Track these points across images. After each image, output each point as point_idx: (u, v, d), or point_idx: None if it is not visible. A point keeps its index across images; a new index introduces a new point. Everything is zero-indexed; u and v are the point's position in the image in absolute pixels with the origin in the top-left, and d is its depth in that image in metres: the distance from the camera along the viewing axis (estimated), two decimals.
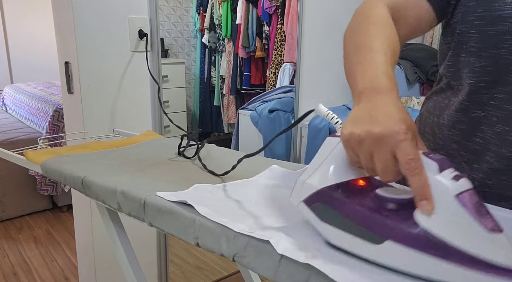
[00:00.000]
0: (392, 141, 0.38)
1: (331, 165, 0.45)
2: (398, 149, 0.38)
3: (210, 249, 0.53)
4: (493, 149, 0.56)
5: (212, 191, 0.64)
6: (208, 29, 3.37)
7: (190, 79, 3.79)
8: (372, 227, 0.41)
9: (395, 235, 0.39)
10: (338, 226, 0.43)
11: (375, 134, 0.39)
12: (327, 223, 0.44)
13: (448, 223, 0.37)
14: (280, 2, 2.59)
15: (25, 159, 0.89)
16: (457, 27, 0.56)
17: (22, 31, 4.14)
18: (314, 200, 0.45)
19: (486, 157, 0.57)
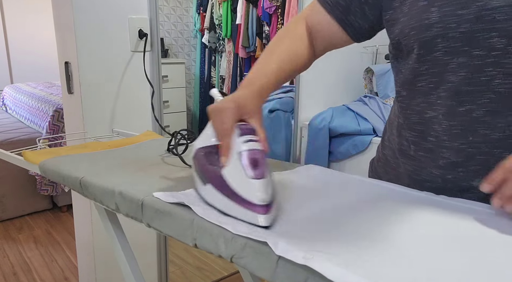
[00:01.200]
0: (222, 113, 0.57)
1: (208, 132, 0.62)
2: (222, 119, 0.57)
3: (208, 250, 0.52)
4: (446, 145, 0.61)
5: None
6: (208, 29, 3.37)
7: (190, 79, 3.79)
8: (203, 172, 0.58)
9: (210, 179, 0.56)
10: (198, 173, 0.60)
11: (217, 107, 0.59)
12: (195, 172, 0.61)
13: (232, 171, 0.54)
14: (280, 2, 2.59)
15: (23, 160, 0.88)
16: (401, 41, 0.63)
17: (22, 31, 4.14)
18: (194, 156, 0.62)
19: (441, 153, 0.62)
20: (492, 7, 0.52)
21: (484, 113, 0.57)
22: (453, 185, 0.62)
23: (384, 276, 0.39)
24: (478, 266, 0.41)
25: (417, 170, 0.67)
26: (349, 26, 0.70)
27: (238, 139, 0.55)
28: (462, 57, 0.56)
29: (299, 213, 0.56)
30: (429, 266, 0.41)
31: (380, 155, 0.79)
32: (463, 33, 0.55)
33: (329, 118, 1.95)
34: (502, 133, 0.56)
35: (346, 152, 1.91)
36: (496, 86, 0.55)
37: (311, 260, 0.41)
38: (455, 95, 0.58)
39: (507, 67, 0.54)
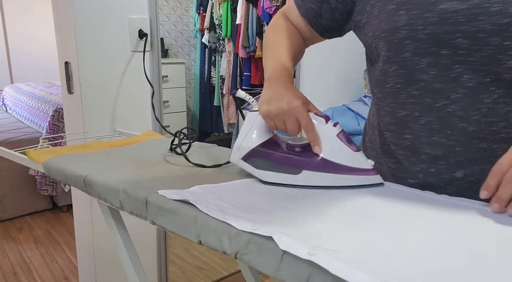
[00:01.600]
0: (294, 112, 0.62)
1: (256, 131, 0.69)
2: (299, 117, 0.62)
3: (212, 246, 0.53)
4: (424, 141, 0.64)
5: (214, 190, 0.64)
6: (208, 29, 3.38)
7: (190, 79, 3.80)
8: (292, 163, 0.65)
9: (307, 165, 0.64)
10: (269, 169, 0.66)
11: (284, 109, 0.63)
12: (262, 169, 0.67)
13: (333, 151, 0.64)
14: (280, 2, 2.60)
15: (27, 158, 0.89)
16: (372, 43, 0.67)
17: (22, 31, 4.14)
18: (249, 156, 0.68)
19: (421, 149, 0.65)
20: (454, 10, 0.55)
21: (458, 107, 0.60)
22: (436, 179, 0.64)
23: (387, 272, 0.39)
24: (480, 266, 0.41)
25: (400, 168, 0.69)
26: (319, 28, 0.78)
27: (326, 126, 0.64)
28: (430, 57, 0.59)
29: (303, 210, 0.56)
30: (431, 264, 0.42)
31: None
32: (429, 35, 0.58)
33: None
34: (478, 124, 0.59)
35: None
36: (465, 81, 0.58)
37: (315, 256, 0.42)
38: (429, 92, 0.61)
39: (473, 64, 0.57)
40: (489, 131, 0.59)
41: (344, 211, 0.56)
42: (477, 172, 0.61)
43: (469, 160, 0.61)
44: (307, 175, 0.64)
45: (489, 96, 0.58)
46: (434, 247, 0.45)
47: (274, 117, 0.64)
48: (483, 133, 0.59)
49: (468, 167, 0.61)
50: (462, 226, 0.51)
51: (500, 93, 0.57)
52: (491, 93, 0.57)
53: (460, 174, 0.62)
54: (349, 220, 0.53)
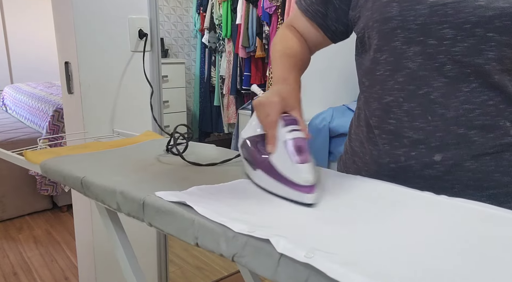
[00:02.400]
0: (268, 107, 0.64)
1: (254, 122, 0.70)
2: (268, 112, 0.64)
3: (209, 249, 0.53)
4: (407, 125, 0.67)
5: (211, 191, 0.64)
6: (208, 29, 3.37)
7: (190, 79, 3.80)
8: (252, 159, 0.67)
9: (260, 164, 0.64)
10: (247, 160, 0.69)
11: (259, 101, 0.66)
12: (244, 159, 0.70)
13: (278, 157, 0.61)
14: (280, 2, 2.59)
15: (24, 159, 0.89)
16: (364, 33, 0.71)
17: (22, 31, 4.14)
18: (242, 145, 0.71)
19: (403, 133, 0.68)
20: (443, 3, 0.60)
21: (439, 95, 0.64)
22: (416, 162, 0.67)
23: (385, 275, 0.39)
24: (479, 265, 0.41)
25: (381, 153, 0.72)
26: (328, 30, 0.81)
27: (282, 129, 0.62)
28: (418, 46, 0.63)
29: (301, 211, 0.56)
30: (430, 265, 0.41)
31: (348, 148, 0.84)
32: (419, 25, 0.62)
33: (329, 118, 1.95)
34: (457, 111, 0.63)
35: None
36: (447, 71, 0.63)
37: (313, 259, 0.41)
38: (413, 79, 0.65)
39: (455, 55, 0.61)
40: (466, 118, 0.63)
41: (341, 213, 0.55)
42: (454, 156, 0.65)
43: (447, 145, 0.65)
44: (259, 175, 0.65)
45: (467, 85, 0.62)
46: (433, 248, 0.45)
47: (255, 107, 0.67)
48: (460, 120, 0.63)
49: (446, 151, 0.65)
50: (461, 226, 0.50)
51: (478, 83, 0.62)
52: (469, 82, 0.62)
53: (439, 157, 0.65)
54: (347, 222, 0.52)
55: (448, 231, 0.50)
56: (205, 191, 0.64)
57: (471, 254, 0.44)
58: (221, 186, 0.66)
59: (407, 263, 0.42)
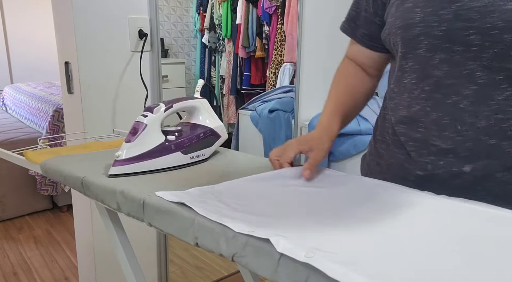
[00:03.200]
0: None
1: None
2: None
3: (209, 249, 0.53)
4: (435, 134, 0.65)
5: (212, 191, 0.64)
6: (208, 29, 3.37)
7: (190, 79, 3.80)
8: None
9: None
10: None
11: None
12: None
13: None
14: (280, 2, 2.59)
15: (24, 159, 0.89)
16: (390, 40, 0.69)
17: (22, 31, 4.14)
18: None
19: (432, 141, 0.65)
20: (468, 8, 0.57)
21: (469, 103, 0.61)
22: (444, 171, 0.65)
23: (385, 275, 0.39)
24: (478, 266, 0.41)
25: (409, 158, 0.70)
26: (381, 48, 0.78)
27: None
28: (444, 53, 0.61)
29: (301, 211, 0.56)
30: (430, 265, 0.41)
31: (372, 149, 0.82)
32: (444, 31, 0.60)
33: None
34: (488, 121, 0.60)
35: (346, 152, 1.91)
36: (477, 78, 0.59)
37: (312, 259, 0.41)
38: (440, 88, 0.63)
39: (484, 61, 0.58)
40: (499, 128, 0.60)
41: (341, 213, 0.56)
42: (485, 167, 0.62)
43: (477, 155, 0.62)
44: None
45: (500, 93, 0.59)
46: (433, 248, 0.45)
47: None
48: (492, 130, 0.60)
49: (477, 162, 0.62)
50: (461, 226, 0.51)
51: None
52: (502, 90, 0.58)
53: (468, 168, 0.63)
54: (346, 222, 0.52)
55: (448, 231, 0.50)
56: (205, 191, 0.64)
57: (471, 254, 0.44)
58: (221, 186, 0.66)
59: (407, 263, 0.42)
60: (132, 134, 0.75)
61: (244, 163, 0.83)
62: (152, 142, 0.76)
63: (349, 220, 0.53)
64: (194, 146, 0.81)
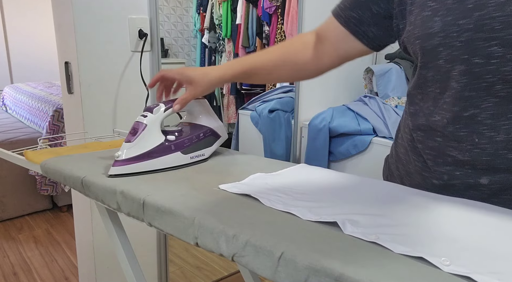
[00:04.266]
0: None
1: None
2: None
3: (209, 249, 0.53)
4: (453, 145, 0.64)
5: (266, 180, 0.68)
6: (208, 29, 3.37)
7: None
8: None
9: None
10: None
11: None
12: None
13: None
14: (280, 2, 2.59)
15: (25, 159, 0.89)
16: (409, 48, 0.67)
17: (22, 31, 4.14)
18: None
19: (448, 152, 0.64)
20: (490, 17, 0.54)
21: (488, 116, 0.59)
22: (460, 182, 0.64)
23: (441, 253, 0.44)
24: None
25: (425, 167, 0.69)
26: (364, 37, 0.73)
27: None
28: (463, 64, 0.58)
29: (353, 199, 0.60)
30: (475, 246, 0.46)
31: (393, 152, 0.81)
32: (464, 42, 0.57)
33: (329, 118, 1.95)
34: (507, 135, 0.58)
35: (346, 152, 1.91)
36: (497, 91, 0.57)
37: (380, 240, 0.46)
38: (458, 101, 0.61)
39: (506, 74, 0.56)
40: None
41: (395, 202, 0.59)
42: (503, 180, 0.61)
43: (495, 169, 0.60)
44: None
45: None
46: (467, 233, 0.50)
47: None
48: (511, 144, 0.59)
49: (494, 175, 0.61)
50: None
51: None
52: None
53: (485, 180, 0.62)
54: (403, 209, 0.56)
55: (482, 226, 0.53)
56: (260, 179, 0.68)
57: None
58: (276, 175, 0.71)
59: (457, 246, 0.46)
60: (132, 134, 0.75)
61: (244, 163, 0.83)
62: (152, 142, 0.76)
63: (405, 207, 0.57)
64: (194, 146, 0.82)
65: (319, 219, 0.52)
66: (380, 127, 1.85)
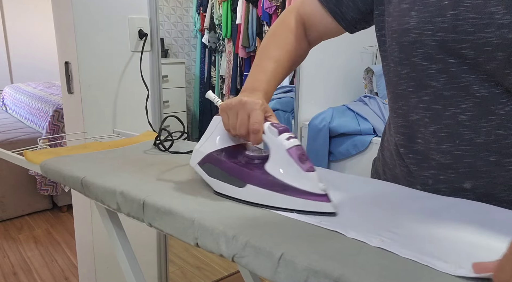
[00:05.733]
0: (250, 107, 0.59)
1: (217, 136, 0.64)
2: (252, 113, 0.59)
3: (209, 249, 0.53)
4: (434, 147, 0.62)
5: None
6: (208, 29, 3.37)
7: (190, 79, 3.79)
8: (238, 175, 0.59)
9: (251, 179, 0.58)
10: (219, 178, 0.62)
11: (241, 100, 0.60)
12: (213, 177, 0.62)
13: (280, 167, 0.57)
14: (280, 2, 2.59)
15: (24, 160, 0.89)
16: (386, 40, 0.65)
17: (22, 31, 4.14)
18: (204, 161, 0.64)
19: (431, 155, 0.63)
20: (463, 18, 0.53)
21: (468, 117, 0.57)
22: (445, 186, 0.63)
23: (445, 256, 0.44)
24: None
25: (409, 172, 0.68)
26: (342, 19, 0.71)
27: (279, 137, 0.57)
28: (439, 63, 0.57)
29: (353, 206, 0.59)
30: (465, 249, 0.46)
31: (380, 155, 0.80)
32: (438, 41, 0.56)
33: (329, 118, 1.95)
34: (488, 137, 0.57)
35: (346, 152, 1.91)
36: (475, 91, 0.56)
37: (384, 243, 0.46)
38: (439, 99, 0.59)
39: (481, 74, 0.55)
40: (499, 145, 0.57)
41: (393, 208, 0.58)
42: (487, 184, 0.59)
43: (478, 172, 0.59)
44: (250, 190, 0.58)
45: (502, 107, 0.55)
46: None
47: (230, 109, 0.60)
48: (492, 146, 0.57)
49: (478, 179, 0.59)
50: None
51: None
52: (503, 104, 0.55)
53: (468, 185, 0.61)
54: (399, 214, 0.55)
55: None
56: None
57: None
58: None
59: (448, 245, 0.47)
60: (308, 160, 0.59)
61: None
62: None
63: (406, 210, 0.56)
64: None
65: (318, 224, 0.51)
66: (380, 127, 1.85)
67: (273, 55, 0.71)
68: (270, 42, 0.74)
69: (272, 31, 0.76)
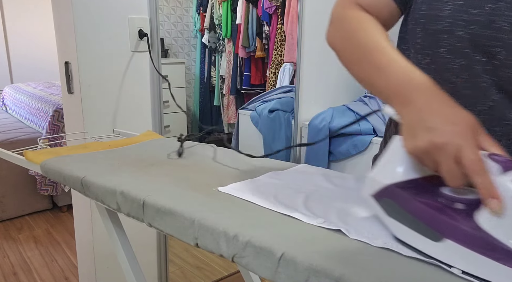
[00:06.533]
0: (453, 148, 0.41)
1: (399, 163, 0.47)
2: (460, 154, 0.41)
3: (209, 249, 0.53)
4: None
5: (267, 182, 0.68)
6: (208, 29, 3.37)
7: (190, 79, 3.79)
8: (433, 224, 0.41)
9: (454, 234, 0.39)
10: (403, 221, 0.45)
11: (437, 145, 0.42)
12: (393, 218, 0.46)
13: (507, 224, 0.36)
14: (280, 2, 2.59)
15: (24, 160, 0.89)
16: (409, 23, 0.59)
17: (22, 31, 4.14)
18: (382, 195, 0.47)
19: None
20: (502, 14, 0.49)
21: (482, 120, 0.54)
22: None
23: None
24: None
25: None
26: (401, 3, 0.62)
27: (501, 178, 0.38)
28: (464, 59, 0.53)
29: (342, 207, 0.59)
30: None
31: (381, 152, 0.80)
32: (469, 34, 0.51)
33: (329, 118, 1.95)
34: (499, 141, 0.55)
35: (346, 152, 1.91)
36: (492, 94, 0.54)
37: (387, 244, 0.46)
38: (455, 97, 0.55)
39: (501, 79, 0.52)
40: (510, 150, 0.54)
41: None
42: None
43: None
44: (450, 248, 0.40)
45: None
46: None
47: (424, 156, 0.44)
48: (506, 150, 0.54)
49: None
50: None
51: None
52: None
53: None
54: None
55: None
56: (260, 181, 0.68)
57: None
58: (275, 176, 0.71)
59: None
60: None
61: (244, 163, 0.83)
62: None
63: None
64: None
65: (321, 224, 0.52)
66: (380, 127, 1.85)
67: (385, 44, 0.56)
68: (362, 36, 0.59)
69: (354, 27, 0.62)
